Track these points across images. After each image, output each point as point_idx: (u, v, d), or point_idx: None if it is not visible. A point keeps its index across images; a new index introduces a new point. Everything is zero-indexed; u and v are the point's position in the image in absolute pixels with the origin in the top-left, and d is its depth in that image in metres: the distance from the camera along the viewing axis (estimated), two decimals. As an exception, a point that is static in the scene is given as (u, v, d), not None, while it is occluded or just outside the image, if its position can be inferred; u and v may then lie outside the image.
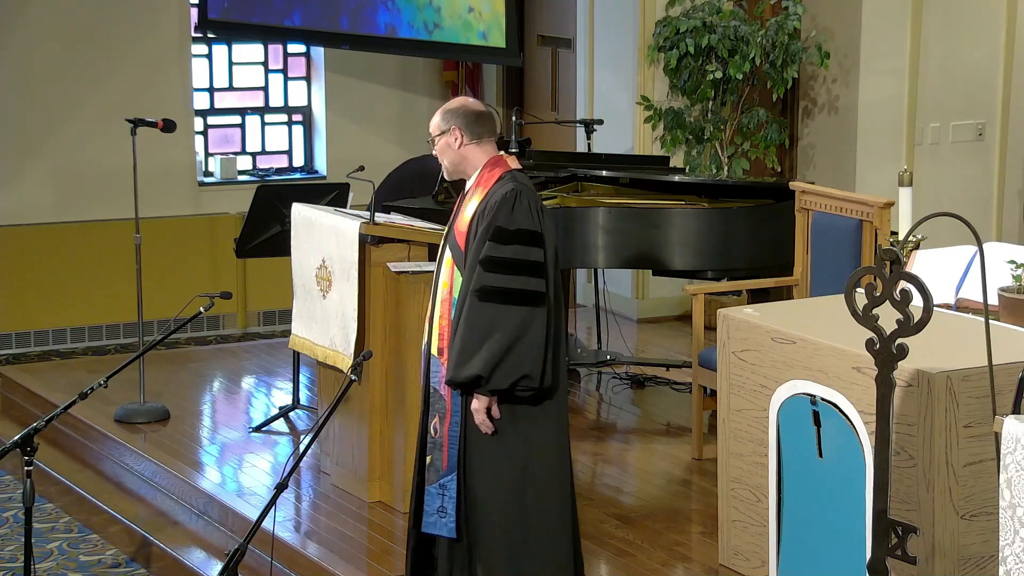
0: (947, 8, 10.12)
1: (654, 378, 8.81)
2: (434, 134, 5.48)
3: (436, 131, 5.47)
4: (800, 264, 7.55)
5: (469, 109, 5.46)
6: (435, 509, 5.40)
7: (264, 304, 10.90)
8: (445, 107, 5.51)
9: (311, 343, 7.16)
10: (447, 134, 5.43)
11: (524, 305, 5.22)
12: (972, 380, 5.25)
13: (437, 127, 5.47)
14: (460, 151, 5.43)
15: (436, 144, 5.49)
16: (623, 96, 10.28)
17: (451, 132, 5.42)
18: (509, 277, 5.22)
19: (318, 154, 11.48)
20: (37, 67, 10.40)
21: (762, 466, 5.94)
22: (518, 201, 5.27)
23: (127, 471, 7.83)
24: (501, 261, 5.23)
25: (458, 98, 5.61)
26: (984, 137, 10.37)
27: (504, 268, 5.23)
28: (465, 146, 5.42)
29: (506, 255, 5.23)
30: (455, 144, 5.43)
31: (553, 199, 8.37)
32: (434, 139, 5.48)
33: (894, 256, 4.55)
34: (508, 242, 5.24)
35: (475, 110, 5.45)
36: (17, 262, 10.34)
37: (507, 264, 5.23)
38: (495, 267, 5.22)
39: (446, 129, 5.43)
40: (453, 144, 5.43)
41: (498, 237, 5.24)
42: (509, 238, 5.24)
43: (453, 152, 5.44)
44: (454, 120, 5.43)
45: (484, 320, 5.20)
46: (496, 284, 5.22)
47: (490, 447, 5.34)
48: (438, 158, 5.52)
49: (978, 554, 5.35)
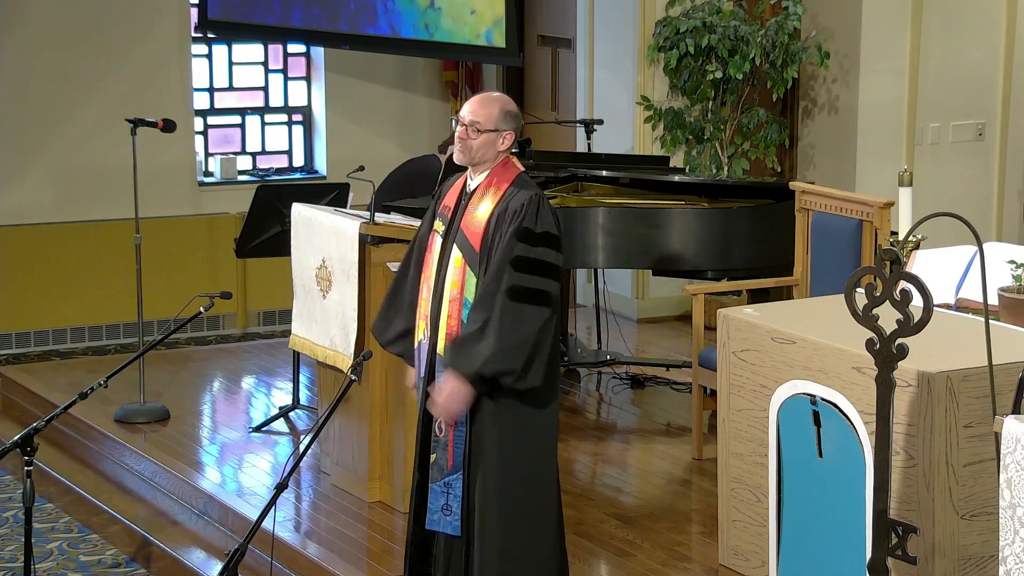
0: (947, 8, 10.12)
1: (654, 378, 8.80)
2: (486, 127, 5.31)
3: (490, 125, 5.31)
4: (800, 264, 7.55)
5: (520, 116, 5.41)
6: (439, 507, 5.40)
7: (264, 304, 10.90)
8: (506, 106, 5.36)
9: (311, 343, 7.16)
10: (499, 133, 5.33)
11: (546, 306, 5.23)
12: (972, 380, 5.25)
13: (493, 121, 5.31)
14: (498, 153, 5.37)
15: (479, 135, 5.31)
16: (623, 96, 10.28)
17: (505, 134, 5.34)
18: (536, 278, 5.23)
19: (318, 154, 11.48)
20: (37, 67, 10.40)
21: (762, 466, 5.94)
22: (542, 206, 5.28)
23: (127, 471, 7.83)
24: (530, 261, 5.23)
25: (507, 99, 5.43)
26: (984, 137, 10.37)
27: (532, 269, 5.23)
28: (504, 152, 5.38)
29: (535, 256, 5.24)
30: (501, 146, 5.35)
31: (553, 199, 8.37)
32: (482, 130, 5.31)
33: (894, 256, 4.55)
34: (536, 244, 5.25)
35: (521, 118, 5.43)
36: (17, 262, 10.34)
37: (535, 265, 5.24)
38: (524, 267, 5.22)
39: (502, 129, 5.33)
40: (500, 145, 5.34)
41: (527, 238, 5.23)
42: (537, 240, 5.25)
43: (493, 151, 5.34)
44: (512, 124, 5.35)
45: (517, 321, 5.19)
46: (525, 284, 5.22)
47: (495, 448, 5.34)
48: (463, 143, 5.36)
49: (978, 554, 5.35)
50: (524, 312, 5.20)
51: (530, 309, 5.21)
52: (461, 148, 5.38)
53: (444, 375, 5.28)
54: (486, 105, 5.36)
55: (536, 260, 5.24)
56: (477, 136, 5.33)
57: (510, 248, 5.24)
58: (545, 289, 5.24)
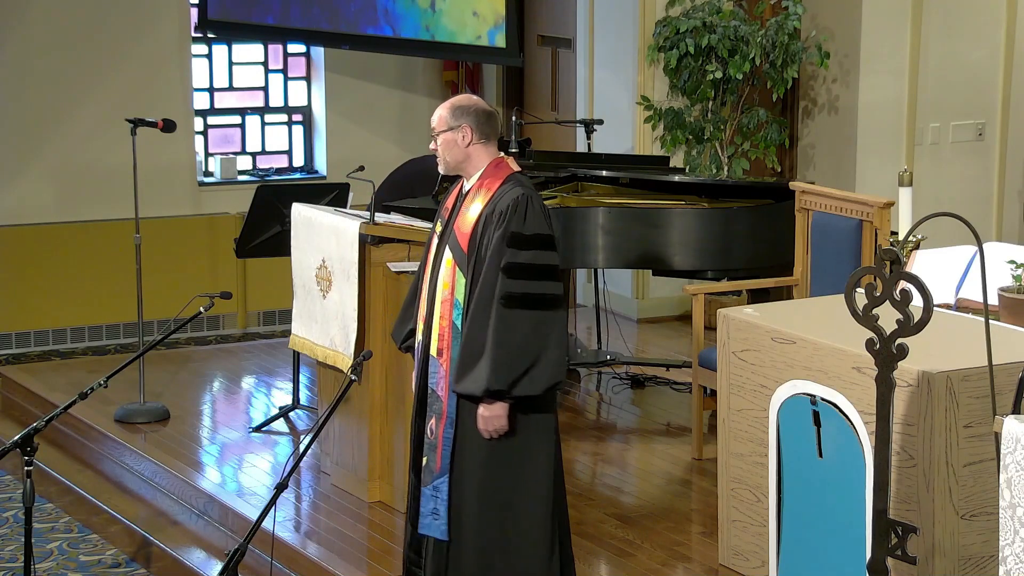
0: (947, 8, 10.12)
1: (654, 378, 8.80)
2: (440, 129, 5.39)
3: (443, 126, 5.38)
4: (800, 264, 7.55)
5: (480, 108, 5.40)
6: (429, 511, 5.40)
7: (264, 304, 10.90)
8: (455, 103, 5.42)
9: (311, 343, 7.16)
10: (455, 131, 5.37)
11: (547, 310, 5.22)
12: (972, 380, 5.25)
13: (444, 122, 5.38)
14: (467, 149, 5.38)
15: (439, 139, 5.40)
16: (623, 96, 10.28)
17: (460, 129, 5.36)
18: (531, 282, 5.22)
19: (318, 154, 11.48)
20: (37, 67, 10.40)
21: (762, 466, 5.94)
22: (530, 206, 5.26)
23: (127, 471, 7.83)
24: (522, 267, 5.22)
25: (466, 95, 5.52)
26: (984, 137, 10.37)
27: (525, 273, 5.22)
28: (472, 145, 5.38)
29: (526, 260, 5.23)
30: (462, 142, 5.38)
31: (553, 199, 8.37)
32: (438, 133, 5.40)
33: (894, 256, 4.55)
34: (526, 247, 5.23)
35: (485, 109, 5.42)
36: (17, 262, 10.34)
37: (528, 269, 5.23)
38: (517, 273, 5.21)
39: (455, 126, 5.36)
40: (460, 142, 5.38)
41: (516, 243, 5.23)
42: (526, 243, 5.24)
43: (459, 150, 5.39)
44: (465, 118, 5.37)
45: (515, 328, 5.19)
46: (520, 290, 5.21)
47: (480, 452, 5.33)
48: (437, 152, 5.44)
49: (978, 554, 5.36)
50: (520, 318, 5.20)
51: (526, 315, 5.22)
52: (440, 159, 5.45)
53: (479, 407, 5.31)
54: (440, 109, 5.44)
55: (528, 265, 5.23)
56: (438, 140, 5.40)
57: (500, 255, 5.24)
58: (541, 292, 5.23)
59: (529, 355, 5.20)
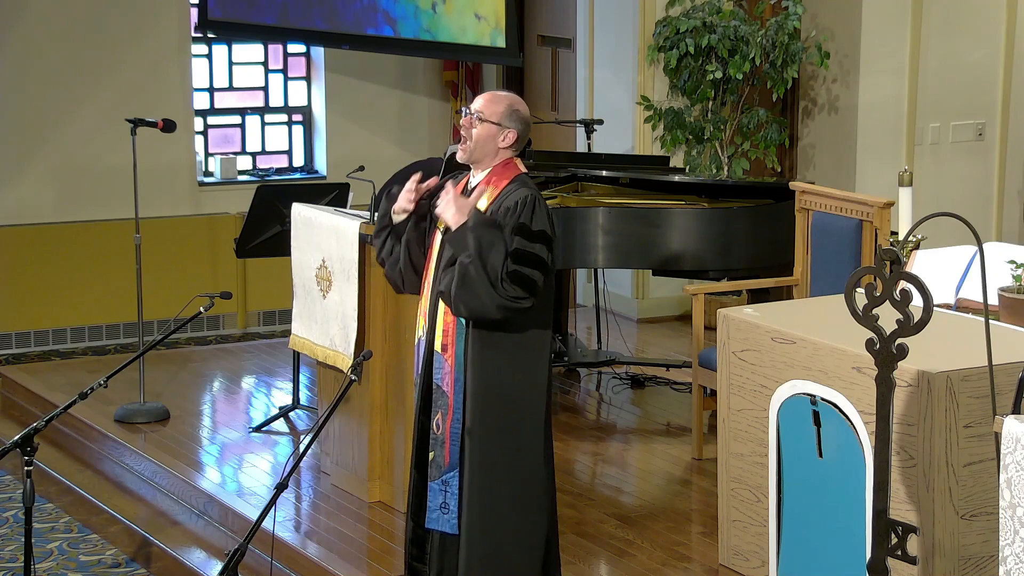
0: (947, 8, 10.12)
1: (654, 378, 8.80)
2: (487, 118, 5.33)
3: (493, 117, 5.33)
4: (800, 264, 7.55)
5: (529, 121, 5.40)
6: (438, 505, 5.41)
7: (264, 304, 10.90)
8: (514, 104, 5.38)
9: (311, 343, 7.16)
10: (501, 129, 5.33)
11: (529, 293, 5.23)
12: (972, 380, 5.25)
13: (496, 115, 5.33)
14: (499, 150, 5.37)
15: (480, 126, 5.33)
16: (623, 96, 10.28)
17: (506, 131, 5.34)
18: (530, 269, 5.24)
19: (318, 154, 11.48)
20: (37, 67, 10.40)
21: (762, 466, 5.94)
22: (537, 206, 5.28)
23: (127, 471, 7.83)
24: (527, 255, 5.23)
25: (520, 100, 5.45)
26: (984, 137, 10.37)
27: (529, 262, 5.23)
28: (505, 149, 5.38)
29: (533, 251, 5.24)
30: (502, 143, 5.35)
31: (553, 199, 8.37)
32: (483, 121, 5.33)
33: (894, 256, 4.55)
34: (534, 240, 5.26)
35: (530, 124, 5.42)
36: (17, 262, 10.34)
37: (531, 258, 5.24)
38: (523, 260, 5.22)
39: (504, 125, 5.33)
40: (500, 141, 5.35)
41: (524, 233, 5.24)
42: (535, 237, 5.25)
43: (493, 147, 5.35)
44: (516, 123, 5.35)
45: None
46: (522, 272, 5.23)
47: (489, 445, 5.35)
48: (465, 136, 5.36)
49: (978, 554, 5.36)
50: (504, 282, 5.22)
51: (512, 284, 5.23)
52: (463, 140, 5.40)
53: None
54: (495, 100, 5.38)
55: (532, 254, 5.24)
56: (479, 125, 5.34)
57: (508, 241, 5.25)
58: (532, 278, 5.23)
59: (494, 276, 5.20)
